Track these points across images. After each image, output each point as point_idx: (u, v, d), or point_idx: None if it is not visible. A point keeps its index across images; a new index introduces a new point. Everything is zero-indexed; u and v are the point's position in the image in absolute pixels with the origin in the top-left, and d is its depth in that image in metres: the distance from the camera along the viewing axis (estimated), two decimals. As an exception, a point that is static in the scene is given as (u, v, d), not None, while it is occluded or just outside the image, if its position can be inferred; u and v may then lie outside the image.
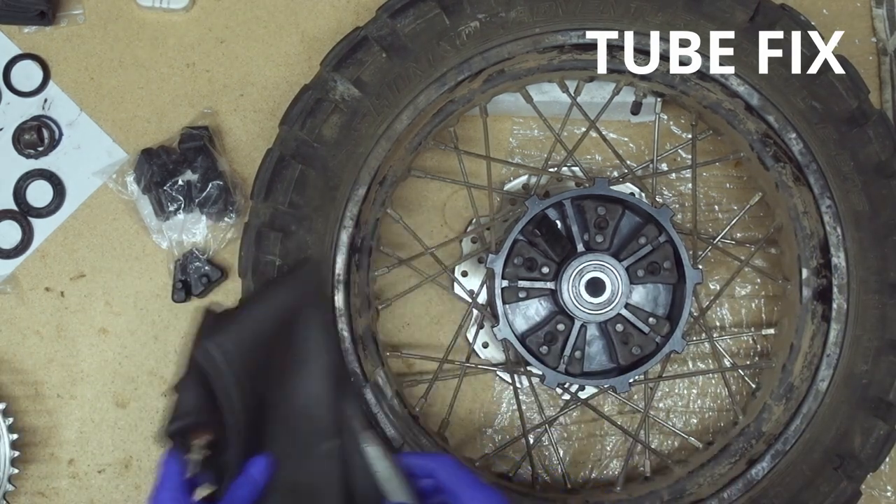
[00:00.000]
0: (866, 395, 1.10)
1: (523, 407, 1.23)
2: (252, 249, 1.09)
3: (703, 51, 1.12)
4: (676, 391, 1.28)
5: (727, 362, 1.24)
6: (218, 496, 0.84)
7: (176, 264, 1.25)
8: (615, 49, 1.13)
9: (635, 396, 1.26)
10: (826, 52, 1.12)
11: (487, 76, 1.13)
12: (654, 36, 1.12)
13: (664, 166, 1.30)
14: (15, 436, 1.18)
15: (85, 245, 1.28)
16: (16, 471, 1.18)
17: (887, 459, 1.22)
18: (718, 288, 1.26)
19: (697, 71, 1.12)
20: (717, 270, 1.29)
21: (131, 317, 1.27)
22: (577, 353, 1.12)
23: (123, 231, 1.28)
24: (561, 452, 1.24)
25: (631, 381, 1.11)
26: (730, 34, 1.11)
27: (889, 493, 1.26)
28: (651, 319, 1.11)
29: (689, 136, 1.25)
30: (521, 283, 1.12)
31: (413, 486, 0.87)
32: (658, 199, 1.26)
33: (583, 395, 1.23)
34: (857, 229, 1.11)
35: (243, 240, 1.10)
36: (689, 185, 1.28)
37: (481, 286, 1.22)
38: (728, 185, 1.31)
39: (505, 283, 1.11)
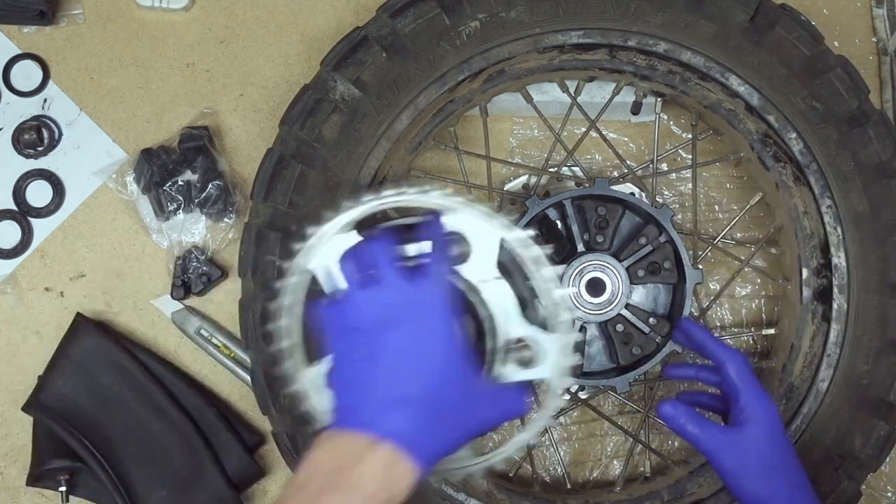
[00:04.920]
0: (867, 395, 1.10)
1: (523, 407, 1.22)
2: (252, 249, 1.09)
3: (704, 50, 1.12)
4: (677, 391, 1.27)
5: (727, 362, 1.24)
6: None
7: (176, 263, 1.25)
8: (615, 49, 1.13)
9: (635, 396, 1.26)
10: (826, 52, 1.12)
11: (487, 76, 1.13)
12: (655, 36, 1.12)
13: (664, 166, 1.30)
14: (15, 436, 1.19)
15: (85, 245, 1.28)
16: (15, 471, 1.19)
17: (888, 460, 1.22)
18: (718, 288, 1.26)
19: (698, 71, 1.12)
20: (717, 270, 1.29)
21: (131, 317, 1.26)
22: (577, 355, 1.12)
23: (123, 231, 1.28)
24: (561, 452, 1.24)
25: (631, 381, 1.11)
26: (730, 34, 1.11)
27: (889, 494, 1.26)
28: (651, 319, 1.11)
29: (690, 136, 1.25)
30: (522, 283, 1.12)
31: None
32: (658, 199, 1.26)
33: (583, 395, 1.23)
34: (858, 229, 1.11)
35: (243, 240, 1.10)
36: (690, 185, 1.28)
37: (481, 286, 1.21)
38: (728, 185, 1.30)
39: (505, 283, 1.11)
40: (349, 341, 0.76)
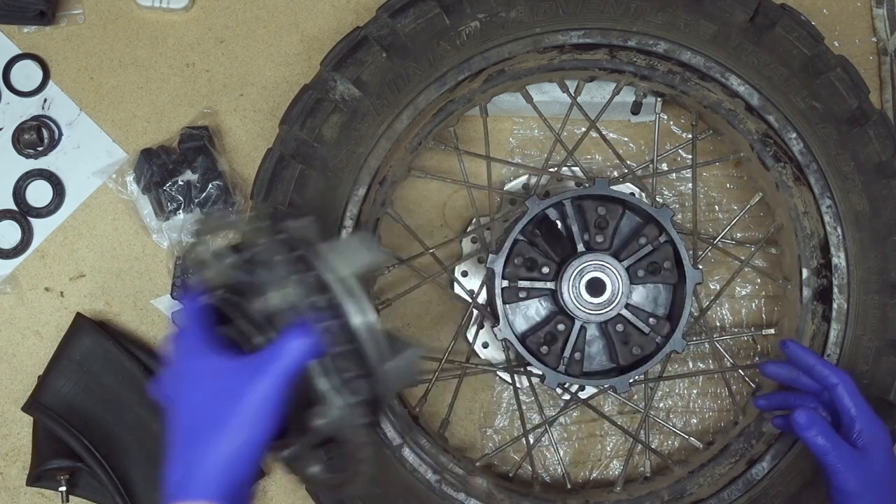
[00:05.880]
0: (867, 395, 1.09)
1: (523, 407, 1.23)
2: (252, 249, 1.09)
3: (704, 50, 1.12)
4: (676, 391, 1.27)
5: (727, 362, 1.24)
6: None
7: (176, 263, 1.25)
8: (615, 49, 1.13)
9: (635, 396, 1.26)
10: (826, 52, 1.12)
11: (487, 76, 1.13)
12: (655, 36, 1.12)
13: (664, 166, 1.30)
14: (15, 436, 1.19)
15: (85, 245, 1.28)
16: (15, 471, 1.19)
17: (887, 459, 1.22)
18: (718, 288, 1.26)
19: (698, 71, 1.12)
20: (717, 270, 1.29)
21: (131, 317, 1.26)
22: (577, 355, 1.11)
23: (123, 231, 1.28)
24: (561, 452, 1.24)
25: (631, 381, 1.11)
26: (730, 34, 1.11)
27: (889, 494, 1.26)
28: (651, 319, 1.11)
29: (689, 136, 1.25)
30: (522, 283, 1.12)
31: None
32: (658, 199, 1.26)
33: (583, 395, 1.23)
34: (858, 229, 1.11)
35: (243, 240, 1.10)
36: (690, 185, 1.28)
37: (481, 286, 1.21)
38: (728, 185, 1.31)
39: (505, 283, 1.11)
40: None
